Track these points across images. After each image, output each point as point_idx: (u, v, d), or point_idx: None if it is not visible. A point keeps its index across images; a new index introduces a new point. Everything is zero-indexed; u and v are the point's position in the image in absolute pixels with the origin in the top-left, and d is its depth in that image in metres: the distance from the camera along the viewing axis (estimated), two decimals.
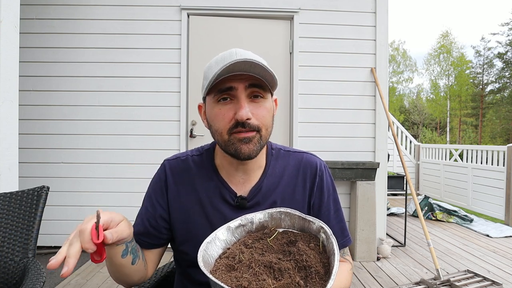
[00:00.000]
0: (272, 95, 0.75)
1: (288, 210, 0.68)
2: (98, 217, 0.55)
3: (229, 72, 0.66)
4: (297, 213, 0.67)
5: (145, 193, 0.82)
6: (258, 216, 0.68)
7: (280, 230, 0.67)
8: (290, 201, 0.78)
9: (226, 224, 0.65)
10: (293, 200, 0.78)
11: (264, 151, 0.80)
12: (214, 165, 0.80)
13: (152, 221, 0.78)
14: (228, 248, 0.62)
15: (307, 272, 0.55)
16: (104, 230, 0.55)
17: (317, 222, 0.64)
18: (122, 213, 0.62)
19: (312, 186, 0.81)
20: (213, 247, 0.60)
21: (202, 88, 0.73)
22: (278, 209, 0.69)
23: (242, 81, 0.68)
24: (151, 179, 0.83)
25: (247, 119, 0.67)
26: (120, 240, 0.60)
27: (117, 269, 0.69)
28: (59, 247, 2.89)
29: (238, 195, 0.77)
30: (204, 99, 0.75)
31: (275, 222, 0.68)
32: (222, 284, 0.47)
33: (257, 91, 0.70)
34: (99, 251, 0.54)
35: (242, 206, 0.76)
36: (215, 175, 0.79)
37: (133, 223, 0.72)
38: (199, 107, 0.80)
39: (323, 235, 0.62)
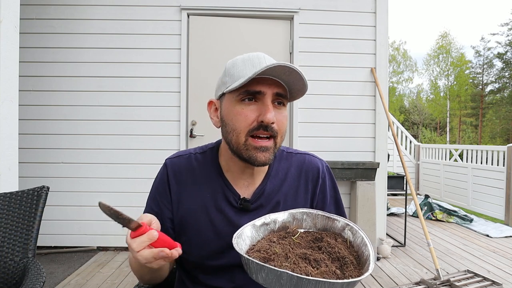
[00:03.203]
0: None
1: (311, 210, 0.70)
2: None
3: (261, 74, 0.65)
4: (320, 212, 0.70)
5: (148, 194, 0.81)
6: (281, 216, 0.69)
7: (301, 230, 0.69)
8: (292, 203, 0.78)
9: (251, 222, 0.66)
10: (295, 202, 0.78)
11: None
12: (219, 165, 0.79)
13: (159, 222, 0.77)
14: (254, 244, 0.63)
15: (341, 262, 0.57)
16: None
17: (342, 220, 0.67)
18: None
19: (314, 189, 0.81)
20: (241, 242, 0.61)
21: (222, 84, 0.72)
22: (301, 210, 0.71)
23: (271, 87, 0.68)
24: (153, 180, 0.82)
25: (272, 123, 0.68)
26: None
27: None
28: (59, 247, 2.90)
29: (241, 197, 0.76)
30: (220, 96, 0.74)
31: (297, 222, 0.70)
32: (275, 268, 0.48)
33: (281, 99, 0.71)
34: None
35: (246, 208, 0.75)
36: (219, 175, 0.78)
37: None
38: (210, 103, 0.78)
39: (348, 232, 0.65)
